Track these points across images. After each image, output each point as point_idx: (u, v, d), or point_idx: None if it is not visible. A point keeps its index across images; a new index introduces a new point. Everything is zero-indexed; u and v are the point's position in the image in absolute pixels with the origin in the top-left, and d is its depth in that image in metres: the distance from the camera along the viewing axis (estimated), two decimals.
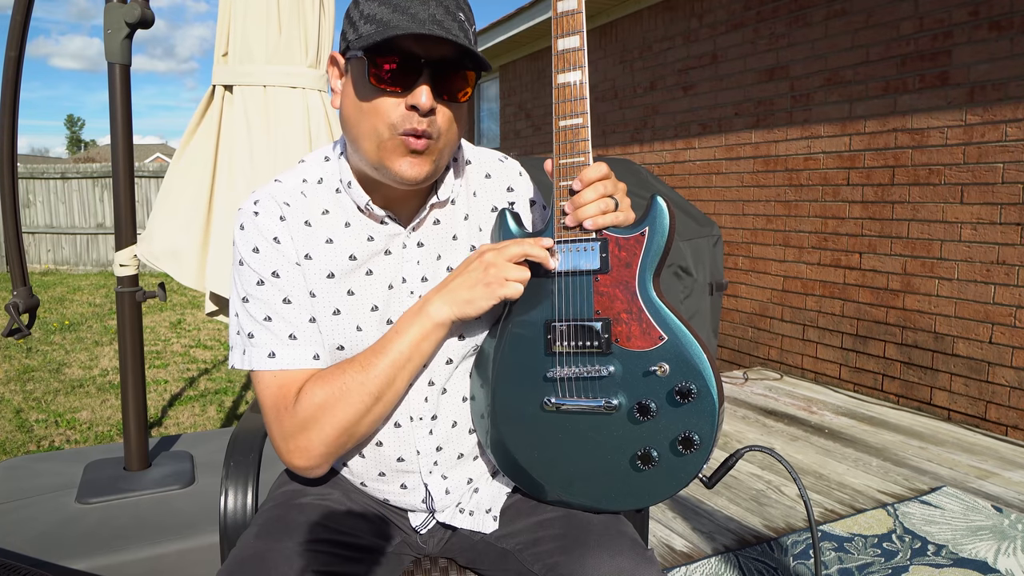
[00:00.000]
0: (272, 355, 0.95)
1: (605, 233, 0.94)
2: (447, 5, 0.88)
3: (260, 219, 0.97)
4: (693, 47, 4.86)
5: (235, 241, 0.98)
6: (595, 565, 0.89)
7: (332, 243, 0.98)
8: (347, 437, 0.94)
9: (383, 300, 0.99)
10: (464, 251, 1.04)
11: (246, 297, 0.96)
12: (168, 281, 9.25)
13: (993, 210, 3.20)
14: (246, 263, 0.96)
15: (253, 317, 0.96)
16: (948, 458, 2.88)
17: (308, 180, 1.01)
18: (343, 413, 0.92)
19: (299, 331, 0.96)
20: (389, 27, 0.86)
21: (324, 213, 0.99)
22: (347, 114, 0.93)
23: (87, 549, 1.76)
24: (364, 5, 0.89)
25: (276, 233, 0.96)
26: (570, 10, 0.93)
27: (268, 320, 0.95)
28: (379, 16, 0.87)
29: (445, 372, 1.02)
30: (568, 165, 0.94)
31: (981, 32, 3.20)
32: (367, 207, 0.98)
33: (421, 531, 1.07)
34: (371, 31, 0.87)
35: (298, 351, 0.96)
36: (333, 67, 0.96)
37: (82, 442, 3.44)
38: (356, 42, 0.89)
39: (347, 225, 0.99)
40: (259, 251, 0.96)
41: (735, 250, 4.64)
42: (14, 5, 1.94)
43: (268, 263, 0.96)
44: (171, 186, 2.02)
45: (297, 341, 0.96)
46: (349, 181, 0.98)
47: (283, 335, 0.95)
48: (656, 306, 0.92)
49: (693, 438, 0.90)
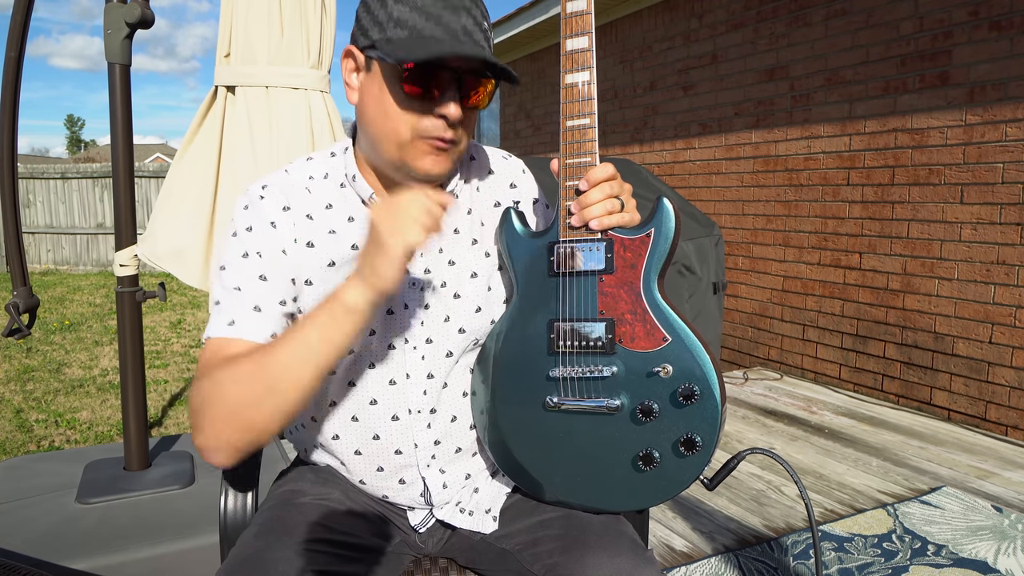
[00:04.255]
0: (232, 323, 0.92)
1: (610, 234, 0.94)
2: (474, 15, 0.89)
3: (264, 203, 0.98)
4: (693, 47, 4.86)
5: (234, 217, 0.98)
6: (595, 565, 0.89)
7: (335, 233, 0.99)
8: (237, 426, 0.84)
9: None
10: (467, 244, 1.04)
11: (224, 266, 0.95)
12: (168, 281, 9.25)
13: (993, 210, 3.20)
14: (238, 236, 0.96)
15: (224, 286, 0.94)
16: (948, 458, 2.88)
17: (314, 176, 1.02)
18: (231, 399, 0.84)
19: (265, 306, 0.94)
20: (425, 38, 0.86)
21: (328, 208, 1.00)
22: (369, 113, 0.93)
23: (87, 549, 1.76)
24: (391, 5, 0.88)
25: (275, 218, 0.97)
26: (579, 11, 0.93)
27: (238, 290, 0.93)
28: (410, 22, 0.87)
29: (445, 365, 1.02)
30: (575, 165, 0.94)
31: (981, 32, 3.20)
32: (371, 199, 0.99)
33: (420, 530, 1.07)
34: (403, 37, 0.87)
35: (258, 322, 0.92)
36: (349, 60, 0.95)
37: (82, 442, 3.44)
38: (387, 46, 0.88)
39: (350, 220, 1.00)
40: (252, 230, 0.96)
41: (735, 250, 4.64)
42: (14, 5, 1.94)
43: (258, 243, 0.96)
44: (173, 187, 2.02)
45: (260, 314, 0.93)
46: (354, 175, 0.99)
47: (247, 306, 0.93)
48: (660, 307, 0.92)
49: (695, 440, 0.90)
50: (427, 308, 1.01)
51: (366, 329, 0.96)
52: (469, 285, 1.03)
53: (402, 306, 1.00)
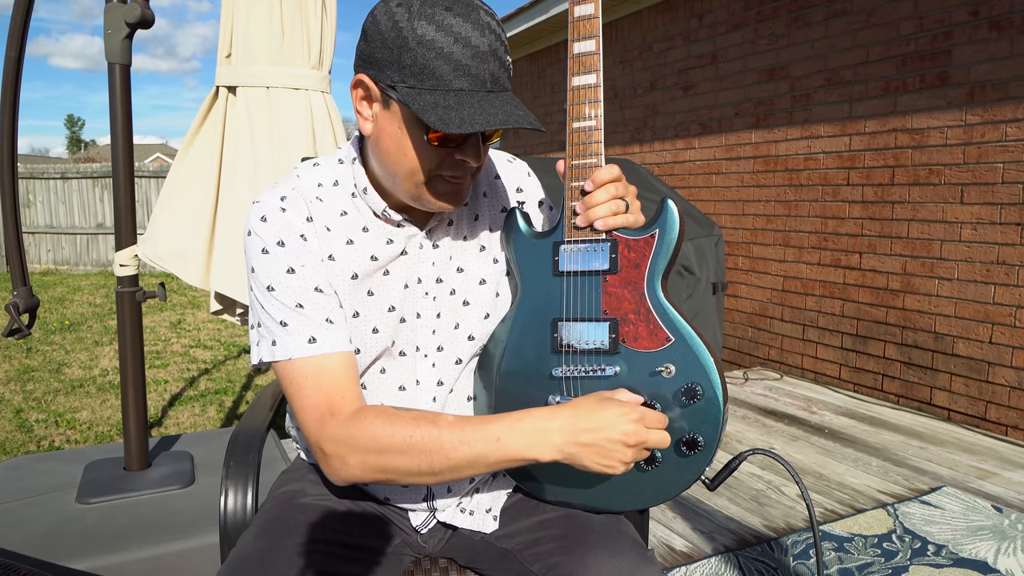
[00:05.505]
0: (313, 340, 0.91)
1: (615, 234, 0.94)
2: (500, 56, 0.85)
3: (288, 215, 0.94)
4: (693, 47, 4.86)
5: (255, 231, 0.94)
6: (595, 565, 0.89)
7: (352, 244, 0.97)
8: (384, 477, 0.89)
9: (399, 300, 0.99)
10: (475, 251, 1.04)
11: (271, 286, 0.92)
12: (168, 281, 9.25)
13: (993, 210, 3.20)
14: (271, 252, 0.93)
15: (284, 304, 0.92)
16: (948, 458, 2.88)
17: (324, 184, 0.99)
18: (395, 463, 0.87)
19: (334, 316, 0.94)
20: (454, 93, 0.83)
21: (343, 215, 0.98)
22: (385, 147, 0.90)
23: (87, 549, 1.76)
24: (416, 50, 0.82)
25: (303, 231, 0.94)
26: (587, 15, 0.94)
27: (300, 307, 0.92)
28: (437, 72, 0.83)
29: (454, 372, 1.02)
30: (580, 166, 0.95)
31: (981, 32, 3.20)
32: (384, 213, 0.97)
33: (421, 531, 1.07)
34: (430, 88, 0.83)
35: (337, 334, 0.93)
36: (360, 90, 0.90)
37: (82, 442, 3.44)
38: (414, 99, 0.83)
39: (365, 230, 0.98)
40: (285, 244, 0.93)
41: (735, 250, 4.64)
42: (14, 5, 1.94)
43: (296, 256, 0.93)
44: (174, 187, 2.02)
45: (334, 325, 0.93)
46: (365, 187, 0.97)
47: (319, 319, 0.92)
48: (664, 308, 0.92)
49: (697, 439, 0.90)
50: (438, 316, 1.01)
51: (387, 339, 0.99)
52: (478, 292, 1.03)
53: (414, 315, 1.00)
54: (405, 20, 0.83)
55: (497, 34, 0.85)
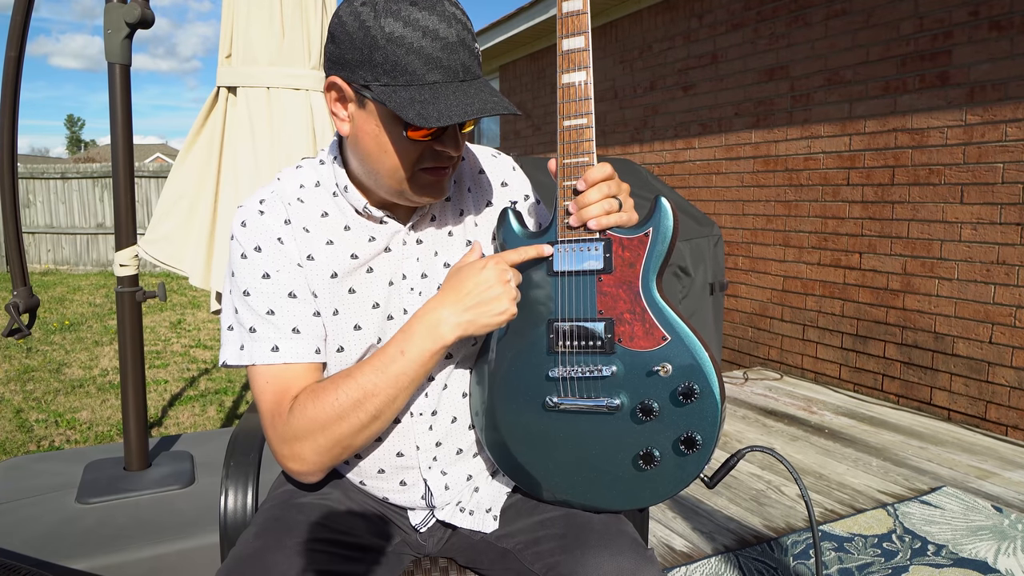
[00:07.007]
0: (275, 348, 0.94)
1: (609, 233, 0.94)
2: (469, 45, 0.86)
3: (265, 219, 0.97)
4: (693, 47, 4.86)
5: (236, 236, 0.97)
6: (595, 565, 0.89)
7: (333, 244, 0.98)
8: (341, 449, 0.93)
9: (383, 297, 1.00)
10: (460, 246, 1.04)
11: (247, 291, 0.95)
12: (168, 281, 9.25)
13: (993, 210, 3.20)
14: (249, 258, 0.95)
15: (255, 311, 0.94)
16: (948, 458, 2.88)
17: (305, 185, 1.01)
18: (338, 429, 0.91)
19: (302, 325, 0.95)
20: (428, 86, 0.83)
21: (323, 216, 0.99)
22: (367, 149, 0.91)
23: (87, 549, 1.76)
24: (386, 47, 0.82)
25: (280, 234, 0.96)
26: (575, 11, 0.93)
27: (271, 314, 0.94)
28: (408, 67, 0.82)
29: (446, 368, 1.02)
30: (572, 165, 0.94)
31: (981, 32, 3.20)
32: (365, 210, 0.98)
33: (421, 530, 1.07)
34: (403, 85, 0.84)
35: (301, 345, 0.95)
36: (334, 92, 0.90)
37: (82, 442, 3.44)
38: (390, 97, 0.83)
39: (346, 228, 0.99)
40: (262, 249, 0.95)
41: (735, 250, 4.64)
42: (14, 5, 1.94)
43: (272, 260, 0.95)
44: (175, 187, 2.03)
45: (300, 335, 0.95)
46: (345, 186, 0.98)
47: (286, 328, 0.94)
48: (659, 306, 0.92)
49: (695, 438, 0.90)
50: None
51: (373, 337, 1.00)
52: None
53: (401, 311, 1.00)
54: (372, 19, 0.83)
55: (463, 23, 0.86)
